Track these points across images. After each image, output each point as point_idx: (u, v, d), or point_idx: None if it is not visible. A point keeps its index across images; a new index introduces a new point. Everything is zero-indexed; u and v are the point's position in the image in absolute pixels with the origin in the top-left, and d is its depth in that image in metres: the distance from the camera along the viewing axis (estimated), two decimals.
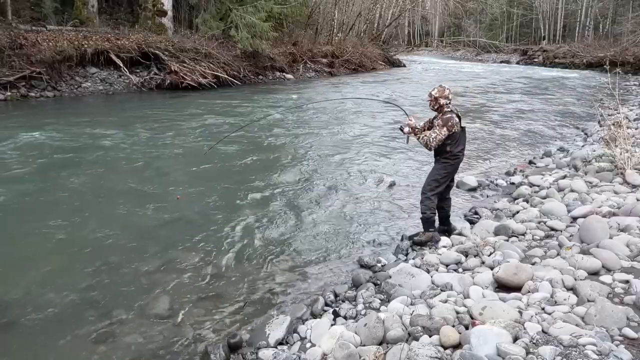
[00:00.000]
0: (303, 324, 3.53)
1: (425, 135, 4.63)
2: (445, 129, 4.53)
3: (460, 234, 5.05)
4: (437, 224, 5.00)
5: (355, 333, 3.11)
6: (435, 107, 4.68)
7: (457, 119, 4.59)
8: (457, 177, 7.22)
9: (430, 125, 4.79)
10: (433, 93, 4.64)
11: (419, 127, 4.90)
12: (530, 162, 8.35)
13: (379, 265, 4.47)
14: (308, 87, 19.88)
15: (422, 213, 4.82)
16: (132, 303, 3.77)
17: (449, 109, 4.63)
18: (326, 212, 5.86)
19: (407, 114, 5.05)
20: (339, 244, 5.02)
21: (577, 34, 42.48)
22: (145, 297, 3.86)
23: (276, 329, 3.38)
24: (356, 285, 4.11)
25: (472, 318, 3.07)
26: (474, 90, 19.73)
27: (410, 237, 4.92)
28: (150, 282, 4.07)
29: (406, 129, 4.98)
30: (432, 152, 4.79)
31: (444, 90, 4.62)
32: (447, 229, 5.11)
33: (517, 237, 4.73)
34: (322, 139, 9.88)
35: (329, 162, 8.10)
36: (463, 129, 4.68)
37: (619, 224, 4.44)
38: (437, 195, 4.80)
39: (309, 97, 16.66)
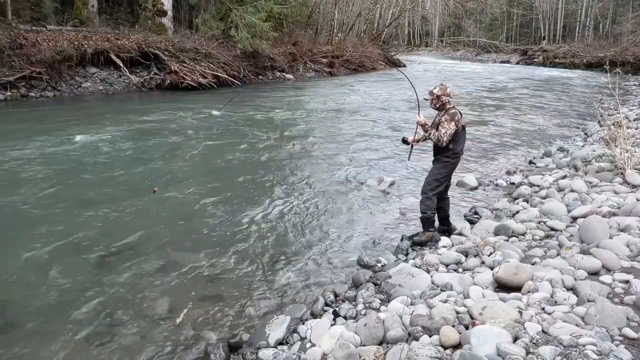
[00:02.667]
0: (303, 324, 3.52)
1: (437, 131, 4.61)
2: (453, 123, 4.56)
3: (460, 234, 5.05)
4: (436, 224, 5.00)
5: (355, 333, 3.11)
6: (438, 106, 4.69)
7: (459, 115, 4.62)
8: (457, 177, 7.24)
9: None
10: (435, 92, 4.65)
11: (428, 124, 4.85)
12: (530, 162, 8.35)
13: (379, 265, 4.47)
14: (308, 87, 19.88)
15: (422, 213, 4.83)
16: (132, 303, 3.77)
17: (451, 106, 4.66)
18: (326, 212, 5.86)
19: (418, 110, 4.89)
20: (339, 244, 5.02)
21: (577, 34, 42.48)
22: (145, 297, 3.86)
23: (276, 329, 3.38)
24: (356, 285, 4.11)
25: (472, 318, 3.07)
26: (474, 91, 19.74)
27: (410, 237, 4.92)
28: (150, 283, 4.07)
29: (410, 138, 4.92)
30: (434, 151, 4.80)
31: (445, 89, 4.65)
32: (447, 229, 5.11)
33: (517, 237, 4.73)
34: (322, 138, 9.88)
35: (329, 162, 8.09)
36: (463, 127, 4.70)
37: (619, 224, 4.44)
38: (437, 195, 4.80)
39: (312, 96, 16.67)
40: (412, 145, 5.02)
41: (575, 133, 11.23)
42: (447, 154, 4.69)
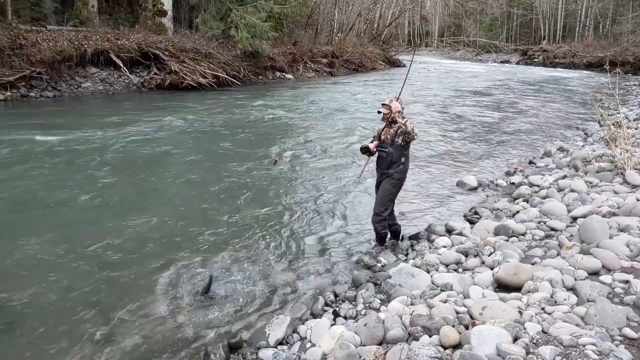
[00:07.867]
0: (303, 324, 3.53)
1: (407, 123, 4.41)
2: (414, 127, 4.47)
3: (460, 234, 5.05)
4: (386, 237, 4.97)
5: (355, 333, 3.11)
6: (394, 119, 4.55)
7: None
8: (458, 177, 7.25)
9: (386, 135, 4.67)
10: (393, 107, 4.53)
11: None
12: (530, 162, 8.34)
13: (379, 265, 4.48)
14: (307, 87, 19.87)
15: (377, 232, 4.77)
16: (132, 303, 3.77)
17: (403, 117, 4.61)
18: (326, 212, 5.86)
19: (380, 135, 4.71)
20: (339, 244, 5.02)
21: (577, 34, 42.45)
22: (145, 297, 3.86)
23: (276, 329, 3.38)
24: (356, 285, 4.11)
25: (472, 318, 3.07)
26: (474, 91, 19.73)
27: (410, 238, 4.94)
28: (150, 283, 4.07)
29: (372, 145, 4.69)
30: (385, 164, 4.62)
31: (401, 102, 4.62)
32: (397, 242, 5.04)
33: (517, 237, 4.73)
34: (322, 138, 9.87)
35: (329, 162, 8.09)
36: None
37: (619, 224, 4.44)
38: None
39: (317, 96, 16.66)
40: (369, 159, 4.79)
41: (575, 133, 11.22)
42: (399, 170, 4.58)
